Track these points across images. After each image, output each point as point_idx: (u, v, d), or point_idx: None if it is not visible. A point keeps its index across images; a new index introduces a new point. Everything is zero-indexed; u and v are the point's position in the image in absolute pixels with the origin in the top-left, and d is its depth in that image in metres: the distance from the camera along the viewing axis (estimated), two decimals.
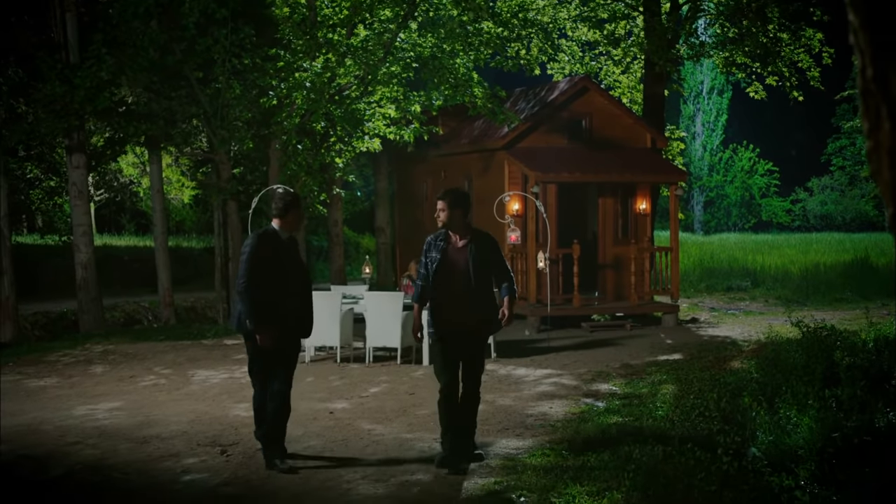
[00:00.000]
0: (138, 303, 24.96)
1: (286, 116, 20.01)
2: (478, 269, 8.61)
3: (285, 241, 8.63)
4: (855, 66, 2.31)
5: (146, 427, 10.34)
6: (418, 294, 8.87)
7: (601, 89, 22.71)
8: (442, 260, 8.65)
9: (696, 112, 62.34)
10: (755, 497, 6.97)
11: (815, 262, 31.15)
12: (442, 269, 8.65)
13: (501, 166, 20.69)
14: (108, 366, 14.82)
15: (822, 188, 61.34)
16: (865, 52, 2.10)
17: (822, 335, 11.34)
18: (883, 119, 2.12)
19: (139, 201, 39.80)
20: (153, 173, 22.82)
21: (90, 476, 8.48)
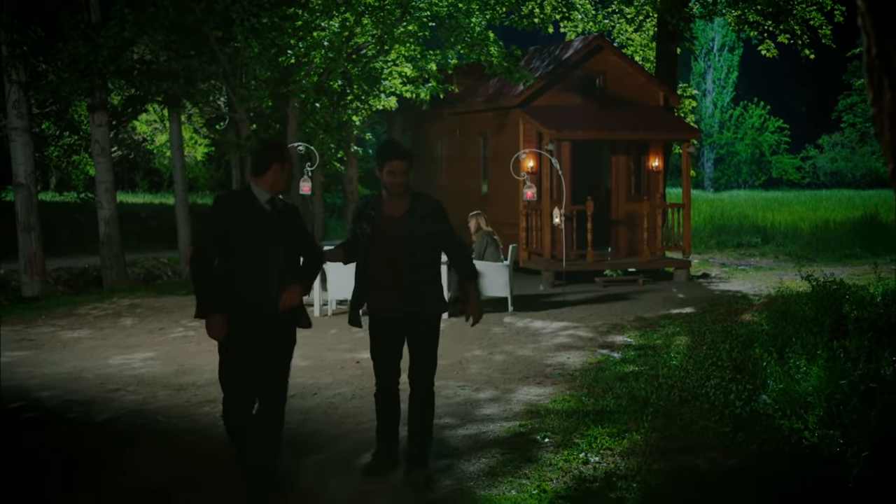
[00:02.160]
0: (157, 259, 25.41)
1: (304, 75, 20.35)
2: (417, 245, 6.95)
3: (264, 207, 6.56)
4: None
5: (182, 375, 10.80)
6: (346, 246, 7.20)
7: (615, 48, 23.00)
8: (374, 236, 6.96)
9: (706, 69, 62.39)
10: (767, 438, 7.39)
11: (825, 218, 31.48)
12: (374, 248, 6.98)
13: (516, 124, 21.02)
14: (137, 318, 15.29)
15: (833, 145, 61.47)
16: (870, 33, 2.47)
17: (832, 289, 11.71)
18: (885, 89, 2.49)
19: (153, 159, 40.18)
20: (173, 131, 23.22)
21: (135, 419, 8.96)
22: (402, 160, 6.88)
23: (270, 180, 6.58)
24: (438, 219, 7.05)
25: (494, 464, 7.32)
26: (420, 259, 6.98)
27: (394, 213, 7.00)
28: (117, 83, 23.86)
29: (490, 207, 20.58)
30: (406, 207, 6.99)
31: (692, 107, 30.46)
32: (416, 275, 6.97)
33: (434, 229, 7.01)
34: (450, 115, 24.28)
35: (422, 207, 7.01)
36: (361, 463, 7.44)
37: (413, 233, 6.94)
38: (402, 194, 6.95)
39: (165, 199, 37.72)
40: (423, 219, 6.99)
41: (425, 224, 6.98)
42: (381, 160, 6.90)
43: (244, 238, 6.47)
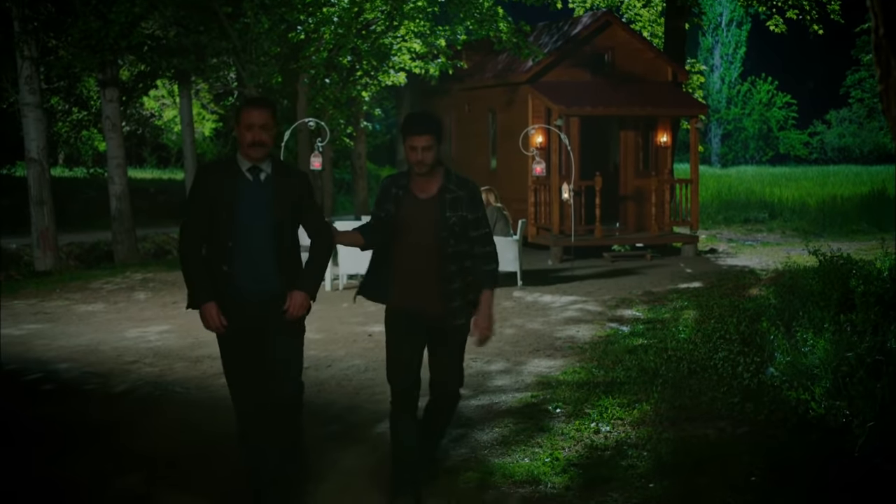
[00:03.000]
0: (167, 234, 25.57)
1: (314, 51, 20.44)
2: (448, 232, 5.97)
3: (246, 176, 5.75)
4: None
5: (197, 348, 10.96)
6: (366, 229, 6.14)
7: (623, 24, 23.08)
8: (399, 219, 6.03)
9: (714, 44, 62.29)
10: (774, 409, 7.54)
11: (833, 194, 31.55)
12: (398, 233, 6.04)
13: (525, 100, 21.11)
14: (150, 292, 15.46)
15: (841, 120, 61.40)
16: (878, 15, 2.59)
17: (839, 264, 11.82)
18: (892, 68, 2.61)
19: (161, 135, 40.28)
20: (183, 107, 23.36)
21: (153, 391, 9.13)
22: (423, 134, 5.88)
23: (238, 141, 5.73)
24: (473, 203, 6.02)
25: (507, 433, 7.48)
26: (450, 250, 5.98)
27: (423, 193, 6.01)
28: (128, 59, 23.97)
29: (499, 183, 20.71)
30: (437, 187, 6.00)
31: (700, 82, 30.50)
32: (446, 269, 5.99)
33: (467, 214, 5.99)
34: (459, 90, 24.36)
35: (456, 188, 6.00)
36: (376, 433, 7.61)
37: (444, 218, 5.95)
38: (428, 173, 5.95)
39: (174, 174, 37.84)
40: (455, 202, 5.98)
41: (458, 208, 5.98)
42: (403, 134, 5.96)
43: (224, 216, 5.64)
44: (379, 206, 6.12)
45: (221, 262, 5.68)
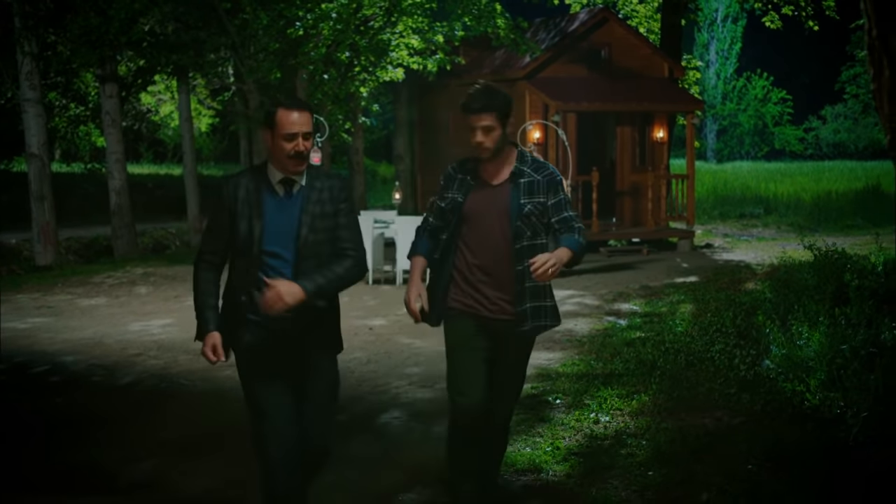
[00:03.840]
0: (165, 229, 25.69)
1: (313, 47, 20.55)
2: (523, 221, 5.19)
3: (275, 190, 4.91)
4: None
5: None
6: (421, 243, 5.42)
7: (620, 20, 23.25)
8: (467, 207, 5.27)
9: (710, 40, 62.38)
10: (770, 399, 7.68)
11: (828, 189, 31.69)
12: (467, 223, 5.28)
13: (522, 96, 21.24)
14: (151, 287, 15.59)
15: (836, 116, 61.54)
16: (871, 17, 2.73)
17: (833, 258, 11.98)
18: (884, 67, 2.75)
19: (157, 130, 40.38)
20: (182, 102, 23.46)
21: (158, 383, 9.28)
22: (482, 112, 5.10)
23: (271, 154, 4.87)
24: (552, 187, 5.22)
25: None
26: (525, 243, 5.18)
27: (494, 178, 5.27)
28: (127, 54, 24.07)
29: None
30: (510, 170, 5.24)
31: (696, 78, 30.64)
32: (519, 266, 5.19)
33: (546, 200, 5.20)
34: (456, 86, 24.45)
35: (532, 171, 5.23)
36: (380, 422, 7.75)
37: (518, 206, 5.17)
38: (495, 157, 5.21)
39: (171, 169, 37.96)
40: (531, 186, 5.19)
41: (534, 193, 5.19)
42: (462, 111, 5.19)
43: (246, 236, 4.86)
44: (441, 195, 5.38)
45: (244, 290, 4.87)
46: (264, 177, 4.91)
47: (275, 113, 4.82)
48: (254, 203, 4.87)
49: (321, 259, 4.90)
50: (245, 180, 4.92)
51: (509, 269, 5.22)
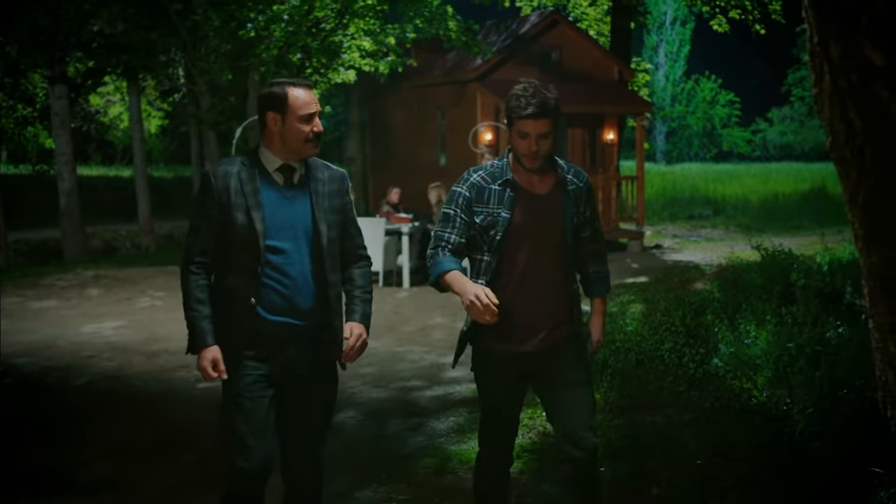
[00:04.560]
0: (116, 231, 25.53)
1: (264, 48, 20.52)
2: (574, 235, 4.69)
3: (273, 179, 4.46)
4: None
5: (153, 342, 11.09)
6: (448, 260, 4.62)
7: (570, 22, 23.44)
8: (516, 222, 4.57)
9: (659, 43, 62.94)
10: (718, 397, 7.82)
11: (774, 191, 32.12)
12: (514, 239, 4.57)
13: (474, 97, 21.37)
14: (103, 289, 15.52)
15: (782, 118, 62.35)
16: (812, 24, 2.85)
17: (780, 258, 12.21)
18: (825, 73, 2.87)
19: (106, 131, 40.07)
20: (132, 104, 23.35)
21: (112, 384, 9.27)
22: (540, 118, 4.46)
23: (274, 139, 4.41)
24: (590, 196, 4.78)
25: (462, 422, 7.71)
26: (573, 261, 4.73)
27: (537, 186, 4.65)
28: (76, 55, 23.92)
29: (448, 179, 20.87)
30: (555, 178, 4.67)
31: (645, 81, 30.91)
32: (569, 284, 4.71)
33: (585, 210, 4.75)
34: (408, 88, 24.55)
35: (573, 176, 4.71)
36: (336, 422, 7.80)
37: (570, 218, 4.65)
38: (542, 167, 4.60)
39: (120, 171, 37.69)
40: (577, 195, 4.70)
41: (579, 203, 4.71)
42: (509, 115, 4.54)
43: (247, 234, 4.36)
44: (465, 207, 4.63)
45: (248, 293, 4.38)
46: (257, 164, 4.44)
47: (284, 94, 4.35)
48: (249, 193, 4.37)
49: (335, 259, 4.54)
50: (235, 168, 4.41)
51: (560, 292, 4.64)
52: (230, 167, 4.43)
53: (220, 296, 4.45)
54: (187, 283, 4.42)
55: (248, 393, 4.39)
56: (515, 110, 4.48)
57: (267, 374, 4.43)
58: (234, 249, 4.40)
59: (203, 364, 4.36)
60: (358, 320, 4.59)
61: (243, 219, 4.36)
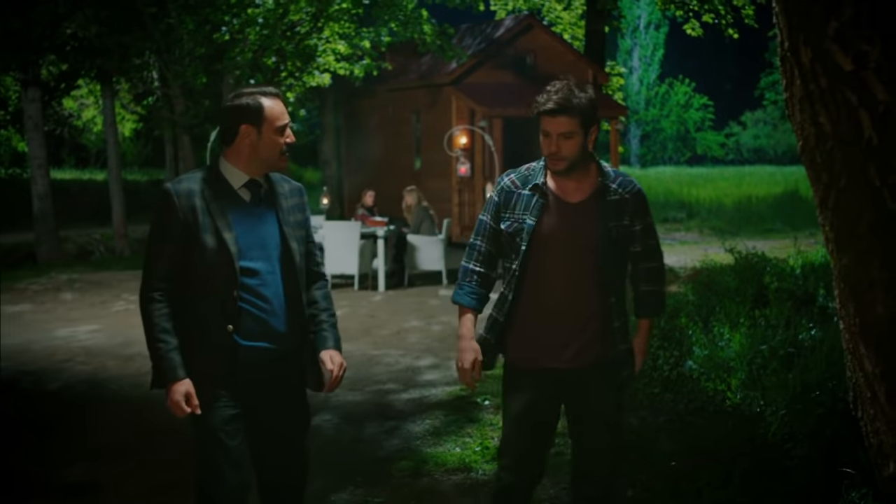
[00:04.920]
0: (90, 235, 25.40)
1: (239, 52, 20.51)
2: (611, 248, 4.29)
3: (239, 195, 4.15)
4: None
5: (128, 346, 11.06)
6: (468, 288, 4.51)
7: (545, 27, 23.52)
8: (542, 230, 4.27)
9: (633, 47, 63.16)
10: (693, 399, 7.88)
11: (748, 194, 32.30)
12: (540, 247, 4.29)
13: (449, 101, 21.40)
14: (77, 293, 15.46)
15: (756, 122, 62.71)
16: (783, 30, 2.89)
17: (754, 262, 12.28)
18: (795, 77, 2.91)
19: (80, 135, 39.89)
20: (106, 107, 23.24)
21: (86, 389, 9.25)
22: (558, 115, 4.20)
23: (245, 153, 4.10)
24: (641, 208, 4.37)
25: (439, 424, 7.74)
26: (609, 275, 4.31)
27: (571, 194, 4.31)
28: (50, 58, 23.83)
29: (423, 183, 20.96)
30: (592, 186, 4.32)
31: (619, 84, 31.04)
32: (604, 300, 4.31)
33: (633, 224, 4.36)
34: (383, 92, 24.56)
35: (617, 186, 4.32)
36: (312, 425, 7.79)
37: (605, 230, 4.26)
38: (569, 171, 4.28)
39: (94, 174, 37.51)
40: (620, 206, 4.30)
41: (622, 215, 4.30)
42: (535, 112, 4.31)
43: (218, 256, 4.05)
44: (495, 213, 4.41)
45: (224, 319, 4.08)
46: (221, 181, 4.12)
47: (259, 105, 4.08)
48: (217, 213, 4.06)
49: (304, 277, 4.30)
50: (198, 186, 4.07)
51: (590, 306, 4.29)
52: (192, 185, 4.09)
53: (188, 324, 4.11)
54: (150, 313, 4.08)
55: (226, 427, 4.14)
56: (537, 105, 4.28)
57: (242, 403, 4.19)
58: (203, 274, 4.07)
59: (175, 399, 4.06)
60: (333, 347, 4.31)
61: (213, 241, 4.05)
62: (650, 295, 4.60)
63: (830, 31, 2.74)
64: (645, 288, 4.58)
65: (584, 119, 4.21)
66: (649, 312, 4.64)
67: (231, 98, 4.13)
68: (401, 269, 16.01)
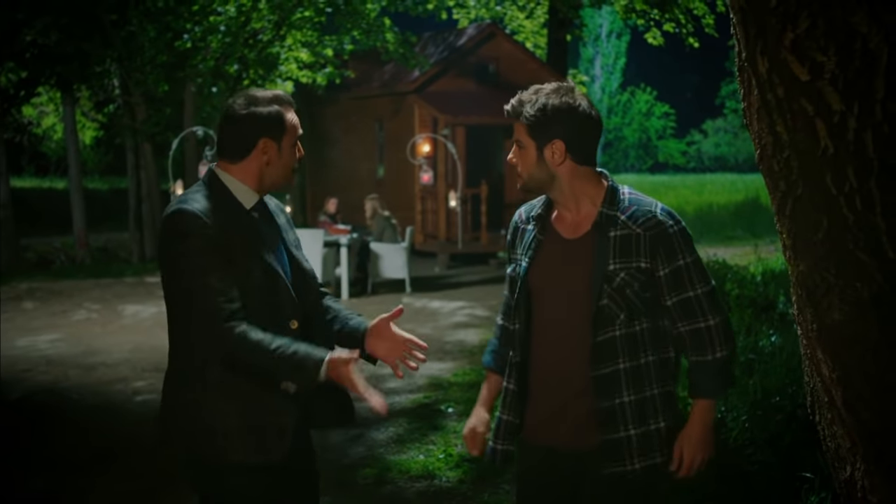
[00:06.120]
0: (50, 243, 25.22)
1: (201, 59, 20.46)
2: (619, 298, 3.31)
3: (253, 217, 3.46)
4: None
5: (90, 356, 10.99)
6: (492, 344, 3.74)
7: (507, 35, 23.62)
8: (533, 275, 3.46)
9: (595, 55, 63.45)
10: None
11: (709, 202, 32.55)
12: (536, 295, 3.47)
13: (412, 109, 21.44)
14: (38, 302, 15.34)
15: (716, 130, 63.19)
16: (741, 40, 2.94)
17: (715, 268, 12.40)
18: (753, 87, 2.96)
19: (39, 143, 39.59)
20: (67, 115, 23.12)
21: (48, 398, 9.18)
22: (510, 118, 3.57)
23: (259, 169, 3.44)
24: (664, 246, 3.31)
25: (402, 432, 7.74)
26: (618, 330, 3.32)
27: (570, 228, 3.46)
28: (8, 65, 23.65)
29: (386, 191, 20.99)
30: (592, 218, 3.41)
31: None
32: (604, 366, 3.32)
33: (653, 266, 3.31)
34: (346, 100, 24.57)
35: (627, 218, 3.35)
36: None
37: (603, 274, 3.32)
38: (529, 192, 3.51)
39: (54, 183, 37.26)
40: (626, 243, 3.32)
41: (631, 253, 3.31)
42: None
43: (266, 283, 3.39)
44: (509, 255, 3.66)
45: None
46: (232, 200, 3.44)
47: (280, 116, 3.44)
48: (251, 235, 3.41)
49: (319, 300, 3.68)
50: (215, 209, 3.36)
51: (589, 373, 3.34)
52: (210, 206, 3.36)
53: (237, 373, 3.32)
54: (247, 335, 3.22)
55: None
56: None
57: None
58: (252, 306, 3.33)
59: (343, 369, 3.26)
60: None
61: (261, 268, 3.38)
62: (703, 367, 3.35)
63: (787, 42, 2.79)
64: (694, 357, 3.36)
65: (531, 129, 3.43)
66: (699, 391, 3.37)
67: (244, 105, 3.42)
68: (364, 277, 16.01)
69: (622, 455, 3.33)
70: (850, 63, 2.72)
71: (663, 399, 3.37)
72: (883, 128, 2.75)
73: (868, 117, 2.75)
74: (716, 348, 3.32)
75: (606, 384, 3.31)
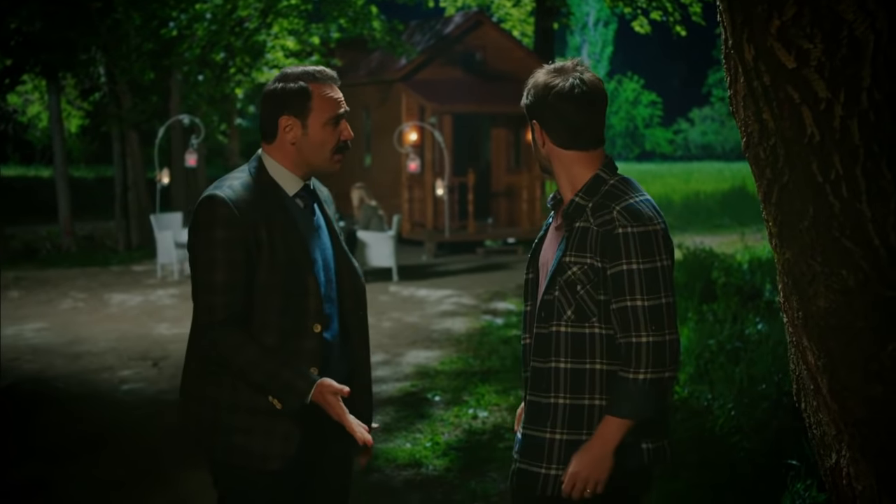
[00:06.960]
0: (35, 232, 25.12)
1: (187, 47, 20.39)
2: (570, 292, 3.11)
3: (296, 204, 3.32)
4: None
5: (76, 344, 10.96)
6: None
7: (494, 23, 23.59)
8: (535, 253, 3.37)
9: (582, 43, 63.43)
10: None
11: (696, 190, 32.61)
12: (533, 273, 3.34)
13: (399, 98, 21.41)
14: (23, 290, 15.29)
15: (703, 119, 63.28)
16: (727, 28, 2.93)
17: (702, 257, 12.42)
18: (739, 75, 2.96)
19: (24, 131, 39.45)
20: (52, 103, 23.01)
21: (34, 387, 9.15)
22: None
23: (290, 150, 3.27)
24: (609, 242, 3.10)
25: (390, 420, 7.74)
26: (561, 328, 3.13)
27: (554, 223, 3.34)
28: None
29: (373, 180, 20.97)
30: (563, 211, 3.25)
31: None
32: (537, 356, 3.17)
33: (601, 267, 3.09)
34: None
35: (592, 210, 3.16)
36: None
37: (559, 266, 3.15)
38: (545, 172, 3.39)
39: (39, 171, 37.13)
40: (584, 236, 3.14)
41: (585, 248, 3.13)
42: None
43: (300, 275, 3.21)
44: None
45: (308, 360, 3.21)
46: (272, 185, 3.26)
47: (306, 92, 3.24)
48: (287, 225, 3.21)
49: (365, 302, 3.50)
50: (252, 196, 3.19)
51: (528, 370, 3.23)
52: (244, 193, 3.18)
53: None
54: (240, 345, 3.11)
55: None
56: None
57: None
58: (275, 305, 3.17)
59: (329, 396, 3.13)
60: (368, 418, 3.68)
61: (293, 259, 3.19)
62: (619, 383, 3.04)
63: (773, 30, 2.79)
64: (620, 371, 3.06)
65: (528, 109, 3.32)
66: (610, 407, 3.04)
67: (272, 82, 3.28)
68: None
69: (541, 456, 3.14)
70: (837, 51, 2.72)
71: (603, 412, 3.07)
72: (869, 115, 2.75)
73: (854, 105, 2.75)
74: (639, 368, 3.01)
75: (539, 379, 3.15)
